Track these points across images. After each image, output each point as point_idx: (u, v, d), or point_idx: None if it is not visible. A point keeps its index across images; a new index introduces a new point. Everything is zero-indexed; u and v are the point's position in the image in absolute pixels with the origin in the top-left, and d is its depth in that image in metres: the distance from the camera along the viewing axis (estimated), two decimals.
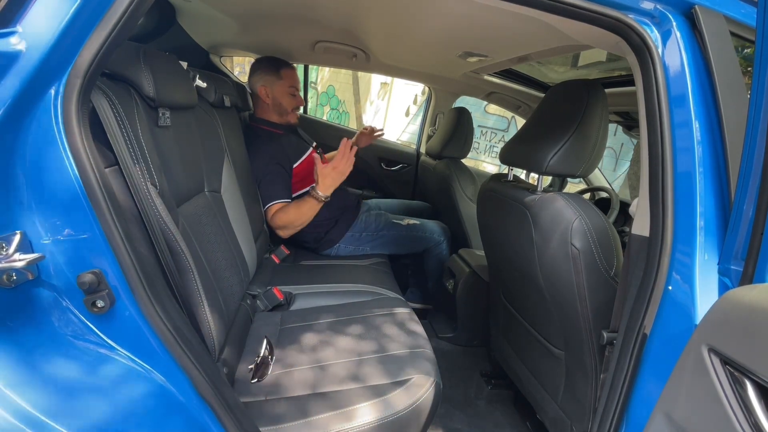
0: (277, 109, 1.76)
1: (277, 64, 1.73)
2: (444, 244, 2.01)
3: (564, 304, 1.08)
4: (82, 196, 0.63)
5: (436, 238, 1.98)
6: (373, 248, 1.88)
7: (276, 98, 1.74)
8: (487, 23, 1.13)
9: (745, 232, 0.64)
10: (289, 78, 1.73)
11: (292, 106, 1.77)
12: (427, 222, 2.02)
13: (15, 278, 0.62)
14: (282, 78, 1.71)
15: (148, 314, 0.68)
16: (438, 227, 2.01)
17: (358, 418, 0.89)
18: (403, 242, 1.92)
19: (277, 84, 1.72)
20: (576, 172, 1.08)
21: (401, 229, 1.92)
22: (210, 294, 0.92)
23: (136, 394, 0.69)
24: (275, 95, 1.73)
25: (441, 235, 2.00)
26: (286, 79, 1.72)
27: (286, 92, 1.73)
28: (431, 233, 1.97)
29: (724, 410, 0.52)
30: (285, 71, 1.73)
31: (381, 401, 0.92)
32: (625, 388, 0.80)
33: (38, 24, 0.59)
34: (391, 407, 0.91)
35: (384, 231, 1.89)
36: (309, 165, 1.79)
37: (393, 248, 1.92)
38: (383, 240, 1.89)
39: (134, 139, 0.78)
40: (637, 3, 0.79)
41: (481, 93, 2.33)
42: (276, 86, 1.72)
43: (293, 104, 1.78)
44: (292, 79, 1.75)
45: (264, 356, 1.04)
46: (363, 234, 1.87)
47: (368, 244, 1.87)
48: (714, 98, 0.74)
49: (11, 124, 0.60)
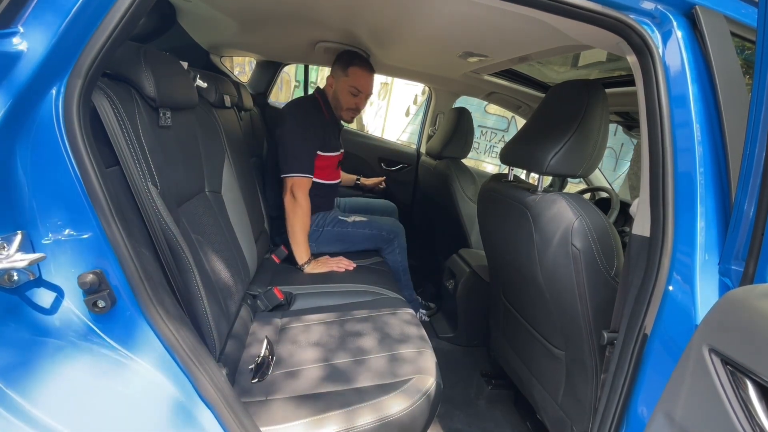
0: (335, 102, 1.76)
1: (350, 60, 1.69)
2: (395, 244, 1.87)
3: (564, 304, 1.08)
4: (83, 196, 0.63)
5: (384, 236, 1.85)
6: (319, 246, 1.78)
7: (337, 92, 1.73)
8: (488, 23, 1.13)
9: (746, 233, 0.64)
10: (354, 77, 1.69)
11: (347, 105, 1.74)
12: (378, 219, 1.91)
13: (16, 278, 0.62)
14: (348, 75, 1.68)
15: (149, 314, 0.68)
16: (389, 225, 1.88)
17: (358, 418, 0.89)
18: (348, 240, 1.82)
19: (342, 79, 1.70)
20: (576, 172, 1.08)
21: (345, 226, 1.82)
22: (211, 294, 0.92)
23: (137, 393, 0.69)
24: (337, 88, 1.72)
25: (390, 233, 1.85)
26: (351, 77, 1.68)
27: (346, 90, 1.71)
28: (379, 230, 1.84)
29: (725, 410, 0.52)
30: (353, 69, 1.68)
31: (381, 401, 0.92)
32: (625, 388, 0.80)
33: (39, 24, 0.59)
34: (391, 407, 0.91)
35: (328, 227, 1.80)
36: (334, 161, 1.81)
37: (338, 246, 1.82)
38: (327, 237, 1.80)
39: (135, 140, 0.78)
40: (637, 3, 0.79)
41: (481, 93, 2.33)
42: (340, 81, 1.70)
43: (349, 104, 1.74)
44: (358, 80, 1.70)
45: (264, 356, 1.04)
46: (310, 228, 1.77)
47: (313, 242, 1.77)
48: (714, 98, 0.74)
49: (12, 124, 0.60)
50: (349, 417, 0.89)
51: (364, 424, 0.88)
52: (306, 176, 1.61)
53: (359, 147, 2.73)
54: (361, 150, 2.74)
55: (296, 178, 1.60)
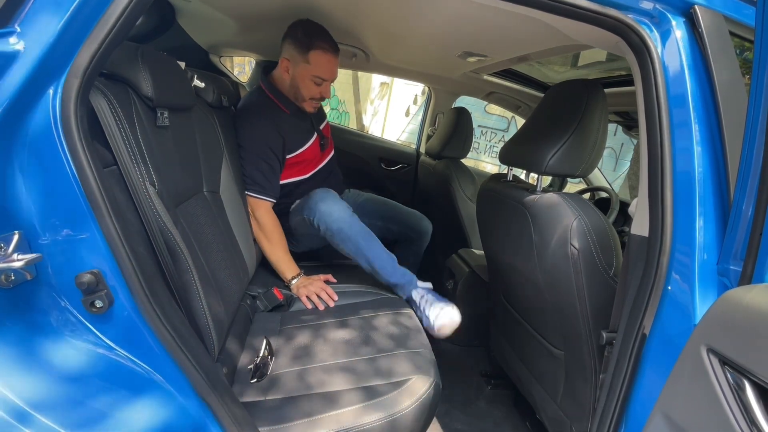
0: (293, 91, 1.46)
1: (309, 40, 1.35)
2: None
3: (563, 304, 1.08)
4: (81, 196, 0.63)
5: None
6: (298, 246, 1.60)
7: (295, 80, 1.42)
8: (487, 23, 1.13)
9: (744, 232, 0.64)
10: (317, 65, 1.37)
11: (310, 95, 1.44)
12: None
13: (13, 278, 0.62)
14: (309, 62, 1.37)
15: (147, 314, 0.68)
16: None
17: (357, 418, 0.89)
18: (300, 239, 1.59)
19: (301, 66, 1.39)
20: (575, 172, 1.08)
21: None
22: (209, 294, 0.92)
23: (134, 394, 0.69)
24: (295, 76, 1.42)
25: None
26: (314, 65, 1.37)
27: (308, 78, 1.40)
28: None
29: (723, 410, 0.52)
30: (316, 54, 1.36)
31: (381, 401, 0.92)
32: (624, 388, 0.80)
33: (36, 23, 0.59)
34: (390, 407, 0.91)
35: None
36: (311, 152, 1.54)
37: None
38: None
39: (133, 140, 0.78)
40: (636, 3, 0.79)
41: (480, 93, 2.33)
42: (299, 67, 1.39)
43: (312, 94, 1.44)
44: (322, 68, 1.38)
45: (264, 356, 1.04)
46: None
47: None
48: (713, 98, 0.74)
49: (9, 124, 0.60)
50: (348, 417, 0.89)
51: (363, 424, 0.88)
52: (262, 198, 1.43)
53: (359, 147, 2.74)
54: (361, 150, 2.74)
55: (252, 198, 1.44)
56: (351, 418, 0.88)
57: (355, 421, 0.88)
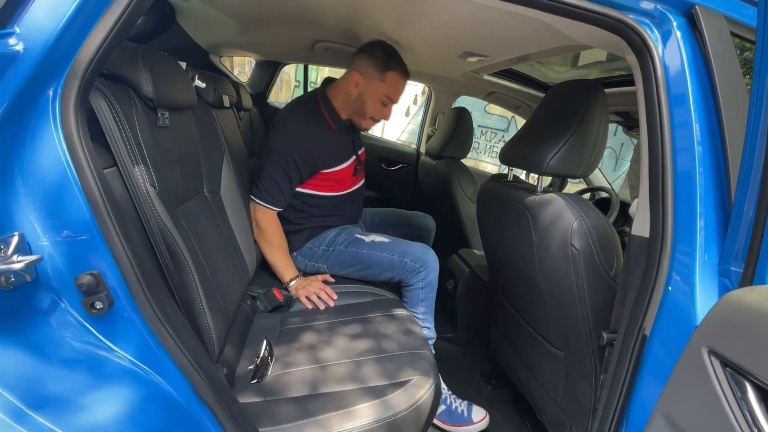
0: (357, 106, 1.43)
1: (388, 61, 1.38)
2: (421, 277, 1.41)
3: (564, 304, 1.08)
4: (81, 197, 0.63)
5: (408, 265, 1.40)
6: (331, 267, 1.50)
7: (363, 96, 1.41)
8: (487, 23, 1.13)
9: (746, 233, 0.64)
10: (392, 85, 1.40)
11: (374, 113, 1.45)
12: (405, 243, 1.45)
13: (13, 280, 0.61)
14: (385, 81, 1.39)
15: (147, 316, 0.68)
16: (417, 252, 1.41)
17: (357, 418, 0.88)
18: (363, 264, 1.45)
19: (375, 84, 1.39)
20: (576, 172, 1.08)
21: (361, 246, 1.45)
22: (209, 295, 0.92)
23: (134, 395, 0.68)
24: (365, 92, 1.40)
25: (417, 262, 1.40)
26: (389, 85, 1.39)
27: (378, 97, 1.41)
28: (402, 256, 1.40)
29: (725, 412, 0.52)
30: (393, 75, 1.39)
31: (381, 402, 0.92)
32: (624, 389, 0.80)
33: (36, 24, 0.59)
34: (391, 408, 0.91)
35: (341, 246, 1.47)
36: (344, 173, 1.51)
37: (351, 269, 1.48)
38: (339, 258, 1.48)
39: (133, 140, 0.78)
40: (637, 3, 0.79)
41: (481, 93, 2.33)
42: (373, 85, 1.39)
43: (376, 113, 1.45)
44: (395, 89, 1.41)
45: (264, 357, 1.04)
46: (321, 247, 1.50)
47: (323, 263, 1.51)
48: (714, 98, 0.74)
49: (9, 125, 0.59)
50: (348, 418, 0.89)
51: (363, 425, 0.88)
52: (271, 208, 1.39)
53: None
54: None
55: (259, 206, 1.40)
56: (351, 419, 0.88)
57: (355, 421, 0.88)
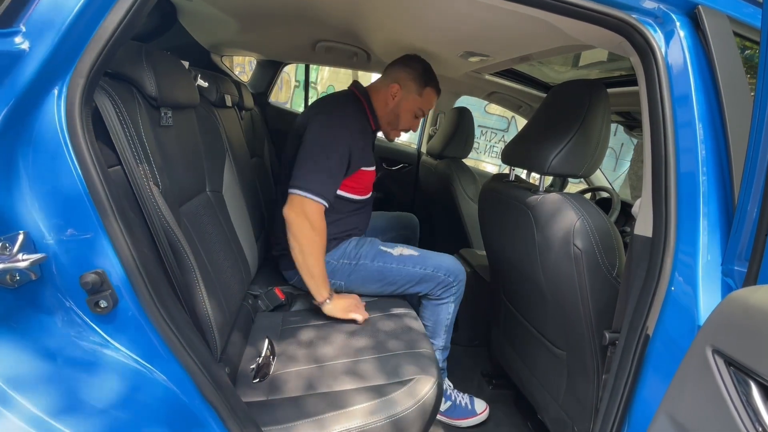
0: (391, 116, 1.47)
1: (428, 77, 1.45)
2: (452, 291, 1.40)
3: (566, 304, 1.08)
4: (85, 196, 0.63)
5: (442, 279, 1.37)
6: (350, 284, 1.39)
7: (399, 107, 1.44)
8: (489, 23, 1.13)
9: (749, 233, 0.64)
10: (427, 100, 1.47)
11: (405, 125, 1.50)
12: (433, 255, 1.41)
13: (18, 278, 0.62)
14: (422, 96, 1.45)
15: (151, 314, 0.68)
16: (448, 264, 1.38)
17: (360, 417, 0.89)
18: (390, 279, 1.37)
19: (412, 97, 1.44)
20: (578, 172, 1.08)
21: (389, 260, 1.37)
22: (212, 294, 0.92)
23: (138, 394, 0.69)
24: (401, 103, 1.44)
25: (450, 275, 1.38)
26: (425, 99, 1.46)
27: (412, 110, 1.46)
28: (435, 270, 1.36)
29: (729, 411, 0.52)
30: (429, 91, 1.46)
31: (383, 401, 0.92)
32: (627, 389, 0.80)
33: (41, 24, 0.59)
34: (393, 407, 0.91)
35: (365, 260, 1.37)
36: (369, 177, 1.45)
37: (375, 285, 1.38)
38: (364, 273, 1.38)
39: (137, 139, 0.78)
40: (640, 3, 0.79)
41: (482, 93, 2.33)
42: (410, 98, 1.44)
43: (407, 125, 1.50)
44: (429, 104, 1.48)
45: (266, 356, 1.04)
46: (341, 261, 1.39)
47: (341, 279, 1.39)
48: (717, 98, 0.74)
49: (14, 124, 0.60)
50: (350, 417, 0.89)
51: (366, 424, 0.88)
52: (321, 202, 1.22)
53: None
54: None
55: (309, 200, 1.20)
56: (353, 418, 0.88)
57: (358, 420, 0.88)
